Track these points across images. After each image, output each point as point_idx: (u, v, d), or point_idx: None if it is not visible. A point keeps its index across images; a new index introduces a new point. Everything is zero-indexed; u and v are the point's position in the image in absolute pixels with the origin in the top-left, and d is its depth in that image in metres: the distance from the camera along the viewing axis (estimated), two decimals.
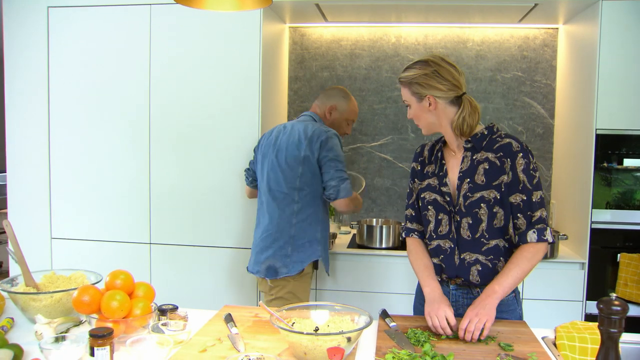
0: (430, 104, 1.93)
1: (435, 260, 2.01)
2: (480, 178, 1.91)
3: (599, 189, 3.23)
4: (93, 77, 3.48)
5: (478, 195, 1.90)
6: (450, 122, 1.95)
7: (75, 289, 1.83)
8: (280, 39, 3.86)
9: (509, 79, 3.91)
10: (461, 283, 1.98)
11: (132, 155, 3.47)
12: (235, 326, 1.80)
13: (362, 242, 3.50)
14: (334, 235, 3.57)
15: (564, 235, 3.39)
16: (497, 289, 1.83)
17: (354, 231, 3.85)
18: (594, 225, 3.23)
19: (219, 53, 3.38)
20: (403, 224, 2.21)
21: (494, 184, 1.89)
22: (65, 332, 1.75)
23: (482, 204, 1.90)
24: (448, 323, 1.80)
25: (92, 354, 1.48)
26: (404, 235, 2.17)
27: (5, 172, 3.65)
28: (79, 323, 1.85)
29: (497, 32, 3.92)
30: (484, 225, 1.91)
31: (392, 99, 4.03)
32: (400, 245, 3.51)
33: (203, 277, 3.44)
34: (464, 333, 1.75)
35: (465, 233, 1.94)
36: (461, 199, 1.93)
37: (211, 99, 3.39)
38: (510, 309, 1.99)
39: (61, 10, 3.48)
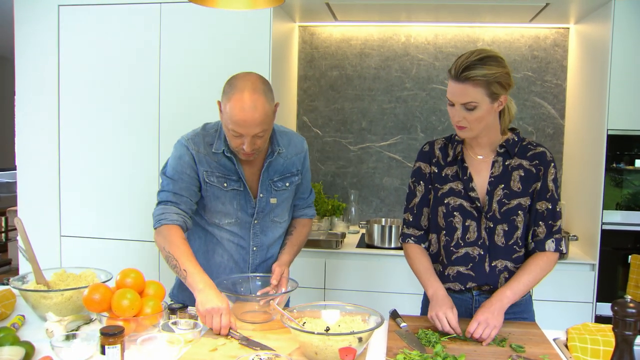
0: (499, 105, 1.79)
1: (463, 269, 1.93)
2: (516, 185, 1.88)
3: (609, 190, 3.21)
4: (103, 75, 3.49)
5: (515, 202, 1.87)
6: (498, 121, 1.87)
7: (85, 287, 1.83)
8: (290, 37, 3.86)
9: (519, 78, 3.89)
10: (486, 290, 1.94)
11: (141, 153, 3.47)
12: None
13: (371, 242, 3.49)
14: (343, 235, 3.56)
15: (574, 236, 3.38)
16: (509, 295, 1.81)
17: (363, 231, 3.84)
18: (605, 227, 3.21)
19: (228, 52, 3.37)
20: (401, 228, 2.09)
21: (529, 191, 1.88)
22: (76, 330, 1.75)
23: (519, 211, 1.87)
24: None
25: (103, 352, 1.48)
26: (400, 241, 2.07)
27: (15, 169, 3.66)
28: (89, 321, 1.85)
29: (508, 32, 3.90)
30: (519, 232, 1.89)
31: (401, 99, 4.02)
32: None
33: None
34: (471, 335, 1.75)
35: (499, 240, 1.89)
36: (495, 205, 1.87)
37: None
38: (528, 308, 1.99)
39: (71, 9, 3.49)
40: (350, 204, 4.01)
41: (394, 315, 1.95)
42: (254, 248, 2.11)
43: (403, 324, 1.86)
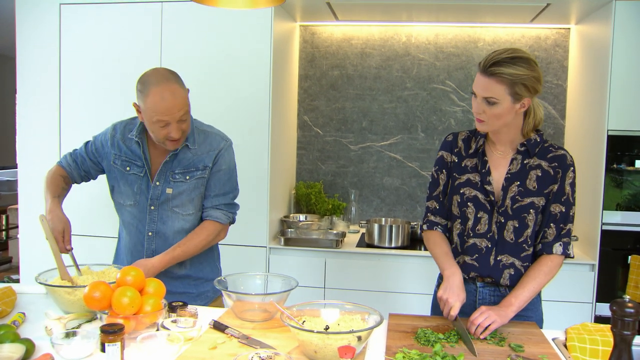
0: (521, 106, 1.81)
1: (468, 259, 1.97)
2: (532, 184, 1.89)
3: (609, 191, 3.21)
4: (104, 73, 3.50)
5: (528, 200, 1.89)
6: (521, 122, 1.89)
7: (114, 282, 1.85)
8: (291, 37, 3.86)
9: None
10: (490, 282, 1.97)
11: None
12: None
13: (371, 242, 3.49)
14: (343, 234, 3.57)
15: (575, 236, 3.38)
16: (514, 302, 1.84)
17: (363, 230, 3.85)
18: (605, 227, 3.22)
19: (229, 51, 3.38)
20: (423, 216, 2.12)
21: (544, 191, 1.90)
22: (77, 328, 1.75)
23: (531, 210, 1.89)
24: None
25: (103, 350, 1.48)
26: (425, 227, 2.08)
27: (16, 167, 3.67)
28: (90, 319, 1.85)
29: (509, 32, 3.90)
30: (529, 231, 1.91)
31: (402, 99, 4.02)
32: (410, 245, 3.51)
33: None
34: (472, 324, 1.79)
35: (509, 236, 1.91)
36: (508, 201, 1.90)
37: (222, 97, 3.40)
38: (534, 307, 2.00)
39: (73, 7, 3.50)
40: (350, 204, 4.02)
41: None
42: (149, 233, 2.19)
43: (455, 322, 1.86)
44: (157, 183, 2.15)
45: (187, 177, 2.16)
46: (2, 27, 5.68)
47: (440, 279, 2.08)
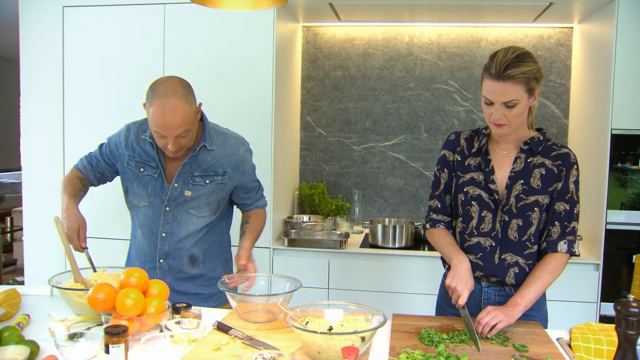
0: (534, 99, 1.83)
1: (472, 258, 1.97)
2: (536, 182, 1.90)
3: (613, 190, 3.20)
4: (107, 75, 3.51)
5: (533, 198, 1.90)
6: (527, 116, 1.90)
7: None
8: (293, 38, 3.87)
9: None
10: (495, 282, 1.98)
11: None
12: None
13: (375, 242, 3.49)
14: (347, 235, 3.57)
15: (579, 236, 3.36)
16: (520, 302, 1.85)
17: (367, 231, 3.84)
18: (609, 226, 3.21)
19: (232, 53, 3.38)
20: (426, 215, 2.12)
21: (549, 189, 1.91)
22: (87, 331, 1.75)
23: (535, 208, 1.90)
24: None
25: (107, 352, 1.48)
26: (428, 226, 2.09)
27: (20, 170, 3.68)
28: (101, 323, 1.84)
29: (511, 32, 3.89)
30: (532, 229, 1.92)
31: (405, 99, 4.02)
32: (413, 245, 3.51)
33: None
34: (478, 324, 1.79)
35: (512, 234, 1.92)
36: (512, 199, 1.91)
37: (224, 98, 3.40)
38: (539, 306, 2.00)
39: (76, 10, 3.51)
40: (353, 204, 4.01)
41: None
42: (163, 234, 2.19)
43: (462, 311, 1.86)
44: (176, 185, 2.15)
45: (207, 182, 2.17)
46: (5, 30, 5.70)
47: (445, 277, 2.08)
